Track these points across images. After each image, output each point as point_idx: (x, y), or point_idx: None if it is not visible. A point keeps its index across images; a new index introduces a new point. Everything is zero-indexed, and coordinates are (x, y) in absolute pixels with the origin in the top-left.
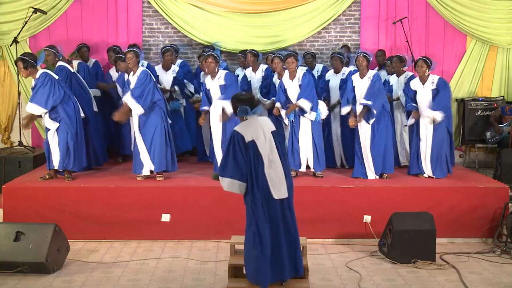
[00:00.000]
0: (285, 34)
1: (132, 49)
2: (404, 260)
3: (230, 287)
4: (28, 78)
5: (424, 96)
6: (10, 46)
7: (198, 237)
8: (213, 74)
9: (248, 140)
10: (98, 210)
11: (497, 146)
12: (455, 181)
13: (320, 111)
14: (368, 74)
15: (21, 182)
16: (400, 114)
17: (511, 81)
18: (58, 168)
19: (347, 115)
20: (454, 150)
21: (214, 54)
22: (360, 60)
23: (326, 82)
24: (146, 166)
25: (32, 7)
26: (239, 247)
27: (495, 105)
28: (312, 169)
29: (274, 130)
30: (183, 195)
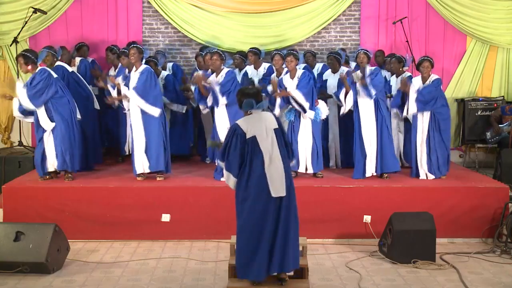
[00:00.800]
0: (285, 34)
1: (136, 45)
2: (404, 260)
3: (230, 287)
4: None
5: None
6: (10, 46)
7: (198, 237)
8: (217, 72)
9: (249, 136)
10: (98, 210)
11: (497, 146)
12: (455, 181)
13: (320, 110)
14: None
15: (21, 182)
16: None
17: (511, 81)
18: (57, 169)
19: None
20: (449, 151)
21: (220, 51)
22: (361, 56)
23: (324, 82)
24: (141, 165)
25: (32, 7)
26: None
27: (495, 105)
28: (310, 170)
29: (277, 127)
30: (183, 195)
